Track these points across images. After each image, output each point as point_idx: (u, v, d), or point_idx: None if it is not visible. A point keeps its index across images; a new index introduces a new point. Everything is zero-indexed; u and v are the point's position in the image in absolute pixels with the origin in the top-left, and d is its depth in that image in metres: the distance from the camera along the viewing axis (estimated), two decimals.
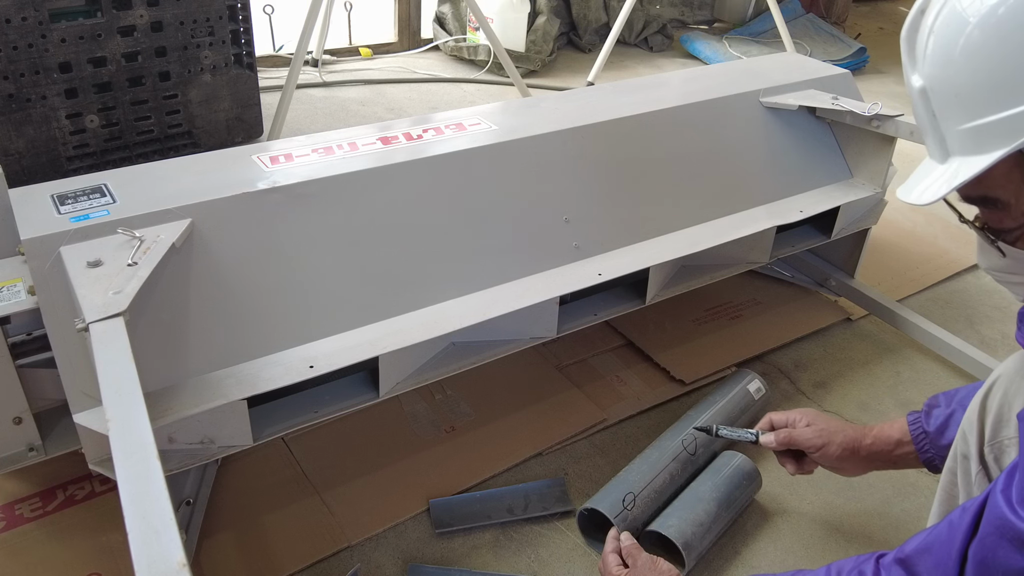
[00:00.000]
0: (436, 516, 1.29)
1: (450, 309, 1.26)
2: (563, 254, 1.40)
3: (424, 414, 1.50)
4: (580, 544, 1.28)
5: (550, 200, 1.42)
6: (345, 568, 1.21)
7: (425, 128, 1.43)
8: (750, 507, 1.35)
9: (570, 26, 3.84)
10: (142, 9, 2.09)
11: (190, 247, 1.11)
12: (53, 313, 1.02)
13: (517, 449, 1.44)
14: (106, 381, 0.84)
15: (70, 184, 1.16)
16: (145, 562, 0.64)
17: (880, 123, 1.64)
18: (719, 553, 1.27)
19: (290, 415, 1.17)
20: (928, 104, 0.77)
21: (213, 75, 2.30)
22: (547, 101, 1.68)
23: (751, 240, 1.57)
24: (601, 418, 1.52)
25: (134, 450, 0.75)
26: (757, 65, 1.95)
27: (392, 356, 1.18)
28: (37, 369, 1.11)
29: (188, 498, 1.25)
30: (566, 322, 1.41)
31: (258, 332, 1.14)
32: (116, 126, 2.18)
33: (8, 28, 1.91)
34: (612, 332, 1.75)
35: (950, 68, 0.73)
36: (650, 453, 1.35)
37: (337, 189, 1.24)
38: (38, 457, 1.13)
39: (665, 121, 1.58)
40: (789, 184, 1.70)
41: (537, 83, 3.32)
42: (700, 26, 4.39)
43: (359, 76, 3.29)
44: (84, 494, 1.29)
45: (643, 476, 1.29)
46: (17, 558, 1.18)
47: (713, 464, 1.35)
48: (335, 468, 1.37)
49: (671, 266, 1.52)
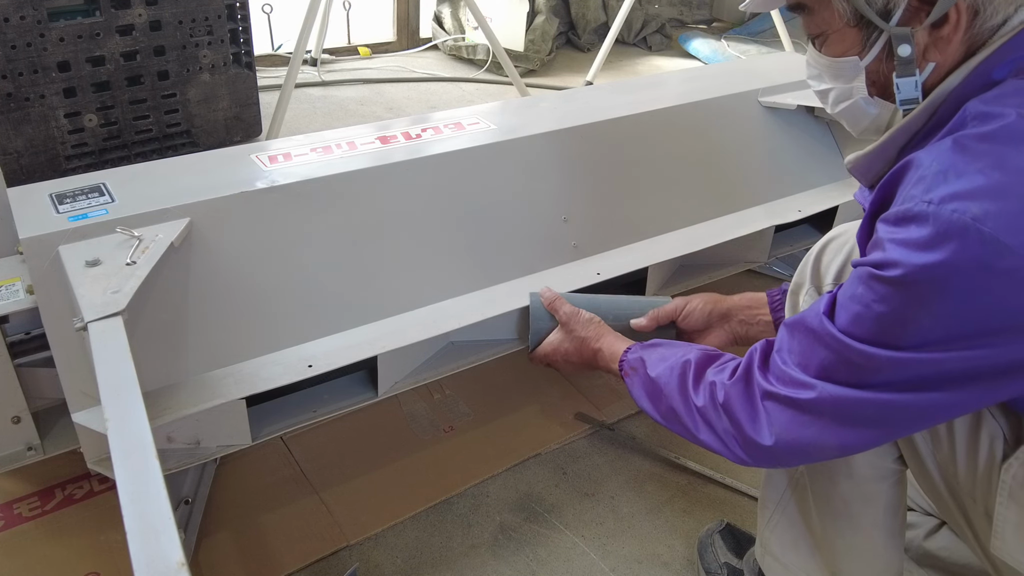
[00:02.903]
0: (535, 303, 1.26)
1: (449, 308, 1.26)
2: (562, 253, 1.41)
3: (423, 414, 1.50)
4: (580, 544, 1.28)
5: (549, 199, 1.42)
6: (344, 567, 1.21)
7: (424, 127, 1.43)
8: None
9: (569, 25, 3.84)
10: (141, 8, 2.09)
11: (189, 246, 1.11)
12: (51, 312, 1.02)
13: (516, 449, 1.44)
14: (105, 380, 0.84)
15: (69, 183, 1.16)
16: (144, 561, 0.64)
17: None
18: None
19: (289, 414, 1.17)
20: None
21: (212, 74, 2.30)
22: (546, 100, 1.68)
23: (750, 239, 1.57)
24: (601, 418, 1.52)
25: (133, 449, 0.75)
26: (756, 65, 1.96)
27: (391, 355, 1.18)
28: (36, 368, 1.11)
29: (187, 497, 1.25)
30: None
31: (257, 331, 1.14)
32: (115, 125, 2.18)
33: (7, 27, 1.91)
34: None
35: None
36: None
37: (336, 188, 1.24)
38: (36, 456, 1.13)
39: (664, 121, 1.58)
40: (787, 183, 1.70)
41: (536, 82, 3.32)
42: (699, 25, 4.39)
43: (358, 75, 3.29)
44: (83, 493, 1.29)
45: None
46: (16, 557, 1.18)
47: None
48: (334, 467, 1.37)
49: (670, 265, 1.52)
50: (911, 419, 0.77)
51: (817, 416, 0.78)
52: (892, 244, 0.71)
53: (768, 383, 0.82)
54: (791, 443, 0.80)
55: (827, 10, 0.80)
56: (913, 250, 0.69)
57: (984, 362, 0.70)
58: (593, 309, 1.23)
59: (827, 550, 1.01)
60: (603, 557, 1.26)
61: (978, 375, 0.71)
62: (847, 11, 0.79)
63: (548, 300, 1.23)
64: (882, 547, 0.98)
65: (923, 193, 0.69)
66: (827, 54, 0.84)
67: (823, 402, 0.77)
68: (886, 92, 0.83)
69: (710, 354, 0.94)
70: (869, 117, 0.87)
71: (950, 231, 0.66)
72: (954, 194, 0.67)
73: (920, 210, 0.69)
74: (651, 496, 1.38)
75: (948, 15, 0.74)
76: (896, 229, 0.71)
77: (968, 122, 0.72)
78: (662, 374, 0.96)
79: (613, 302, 1.28)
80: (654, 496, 1.38)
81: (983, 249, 0.65)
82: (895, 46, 0.77)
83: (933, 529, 1.16)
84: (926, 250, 0.68)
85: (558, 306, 1.21)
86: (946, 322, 0.69)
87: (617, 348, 1.09)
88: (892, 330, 0.72)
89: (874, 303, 0.73)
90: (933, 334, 0.70)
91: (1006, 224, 0.65)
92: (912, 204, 0.70)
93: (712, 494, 1.39)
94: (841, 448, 0.80)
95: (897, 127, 0.80)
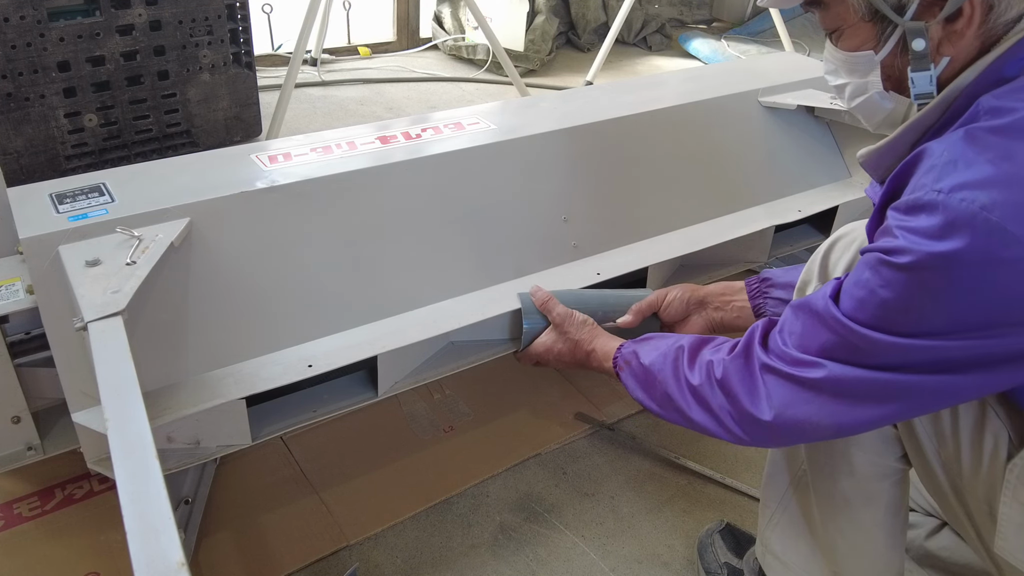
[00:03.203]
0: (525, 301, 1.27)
1: (449, 308, 1.26)
2: (562, 253, 1.41)
3: (423, 414, 1.50)
4: (580, 544, 1.28)
5: (549, 199, 1.42)
6: (344, 567, 1.21)
7: (424, 127, 1.43)
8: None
9: (569, 25, 3.84)
10: (141, 8, 2.09)
11: (189, 246, 1.11)
12: (51, 312, 1.02)
13: (516, 449, 1.44)
14: (105, 380, 0.84)
15: (68, 183, 1.16)
16: (144, 561, 0.64)
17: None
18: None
19: (289, 414, 1.17)
20: None
21: (212, 74, 2.30)
22: (546, 100, 1.68)
23: (749, 239, 1.57)
24: (601, 418, 1.52)
25: (133, 449, 0.75)
26: (755, 65, 1.96)
27: (391, 355, 1.18)
28: (36, 368, 1.11)
29: (187, 497, 1.25)
30: None
31: (257, 331, 1.14)
32: (115, 125, 2.17)
33: (7, 27, 1.91)
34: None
35: None
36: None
37: (336, 188, 1.24)
38: (36, 456, 1.13)
39: (664, 121, 1.58)
40: (787, 183, 1.70)
41: (536, 82, 3.32)
42: (699, 25, 4.39)
43: (358, 75, 3.29)
44: (83, 493, 1.29)
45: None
46: (16, 557, 1.18)
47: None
48: (334, 467, 1.37)
49: (669, 265, 1.52)
50: (909, 402, 0.77)
51: (816, 392, 0.79)
52: (902, 232, 0.71)
53: (769, 358, 0.83)
54: (789, 419, 0.81)
55: (842, 5, 0.81)
56: (923, 238, 0.69)
57: (987, 350, 0.71)
58: (581, 305, 1.23)
59: (828, 549, 1.01)
60: (603, 557, 1.26)
61: (980, 363, 0.72)
62: (862, 6, 0.79)
63: (540, 301, 1.23)
64: (883, 546, 0.98)
65: (933, 182, 0.70)
66: (843, 49, 0.85)
67: (824, 380, 0.78)
68: (901, 86, 0.83)
69: (703, 338, 0.96)
70: (884, 111, 0.88)
71: (958, 220, 0.67)
72: (963, 183, 0.68)
73: (930, 199, 0.69)
74: (651, 496, 1.38)
75: (962, 9, 0.75)
76: (906, 217, 0.72)
77: (981, 116, 0.72)
78: (655, 361, 0.97)
79: (600, 297, 1.28)
80: (654, 496, 1.38)
81: (990, 238, 0.66)
82: (909, 40, 0.78)
83: (934, 529, 1.16)
84: (935, 238, 0.68)
85: (551, 307, 1.21)
86: (951, 310, 0.70)
87: (610, 347, 1.09)
88: (896, 316, 0.73)
89: (880, 288, 0.73)
90: (937, 322, 0.71)
91: (1013, 213, 0.66)
92: (922, 193, 0.70)
93: (712, 494, 1.39)
94: (837, 427, 0.80)
95: (909, 122, 0.81)
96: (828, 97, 1.71)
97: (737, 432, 0.86)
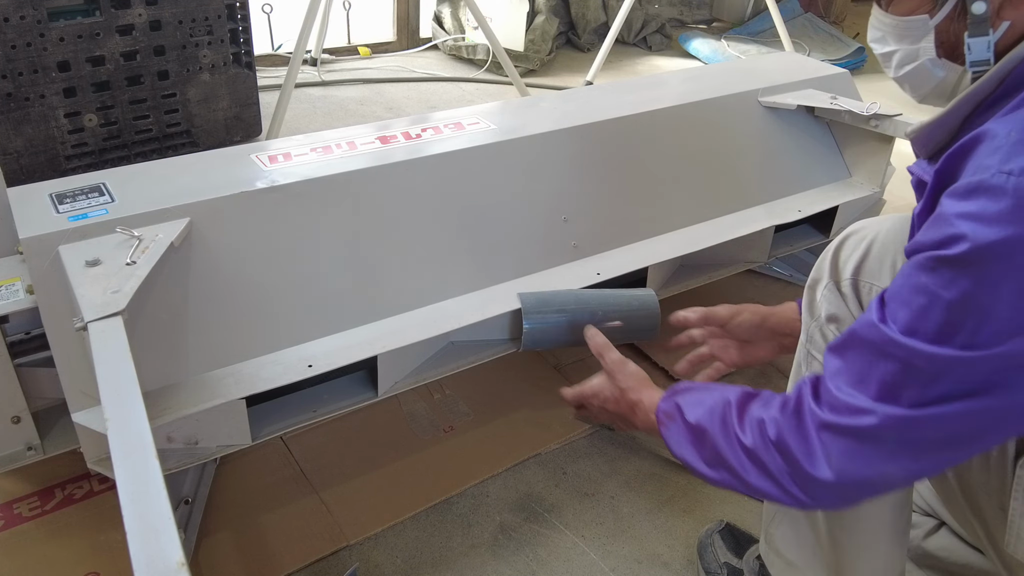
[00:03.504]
0: (526, 303, 1.25)
1: (449, 308, 1.26)
2: (562, 253, 1.41)
3: (423, 414, 1.51)
4: (580, 544, 1.28)
5: (549, 199, 1.42)
6: (344, 567, 1.21)
7: (424, 127, 1.43)
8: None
9: (569, 25, 3.84)
10: (141, 8, 2.09)
11: (189, 246, 1.11)
12: (51, 312, 1.02)
13: (516, 449, 1.44)
14: (104, 380, 0.84)
15: (68, 183, 1.16)
16: (144, 561, 0.64)
17: (878, 122, 1.64)
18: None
19: (289, 414, 1.17)
20: None
21: (212, 74, 2.30)
22: (546, 100, 1.68)
23: (750, 239, 1.58)
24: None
25: (133, 449, 0.75)
26: (756, 65, 1.96)
27: (391, 355, 1.18)
28: (35, 368, 1.11)
29: (187, 497, 1.25)
30: None
31: (257, 331, 1.14)
32: (115, 125, 2.18)
33: (6, 27, 1.91)
34: None
35: None
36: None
37: (336, 188, 1.24)
38: (36, 456, 1.13)
39: (664, 121, 1.58)
40: (788, 184, 1.70)
41: (536, 82, 3.32)
42: (699, 25, 4.39)
43: (358, 75, 3.29)
44: (83, 493, 1.29)
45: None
46: (15, 557, 1.18)
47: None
48: (334, 467, 1.37)
49: (669, 265, 1.52)
50: (979, 433, 0.70)
51: (879, 444, 0.72)
52: (960, 218, 0.65)
53: (822, 412, 0.75)
54: (853, 476, 0.73)
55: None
56: (984, 224, 0.63)
57: None
58: (581, 305, 1.23)
59: (832, 547, 1.00)
60: (603, 557, 1.26)
61: None
62: None
63: (596, 348, 1.14)
64: (887, 544, 0.98)
65: (1000, 163, 0.64)
66: (894, 13, 0.80)
67: (885, 427, 0.71)
68: (955, 54, 0.78)
69: (749, 392, 0.88)
70: (935, 80, 0.82)
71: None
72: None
73: (997, 182, 0.63)
74: (651, 496, 1.38)
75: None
76: (965, 202, 0.65)
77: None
78: (702, 417, 0.88)
79: (600, 297, 1.28)
80: (654, 496, 1.38)
81: None
82: (969, 3, 0.73)
83: (932, 529, 1.16)
84: (999, 224, 0.62)
85: (604, 351, 1.12)
86: (1019, 306, 0.63)
87: (656, 399, 0.99)
88: (961, 322, 0.66)
89: (939, 290, 0.66)
90: (1004, 323, 0.64)
91: None
92: (987, 175, 0.64)
93: (712, 494, 1.39)
94: (907, 477, 0.74)
95: (963, 94, 0.75)
96: (828, 97, 1.71)
97: (800, 496, 0.78)
